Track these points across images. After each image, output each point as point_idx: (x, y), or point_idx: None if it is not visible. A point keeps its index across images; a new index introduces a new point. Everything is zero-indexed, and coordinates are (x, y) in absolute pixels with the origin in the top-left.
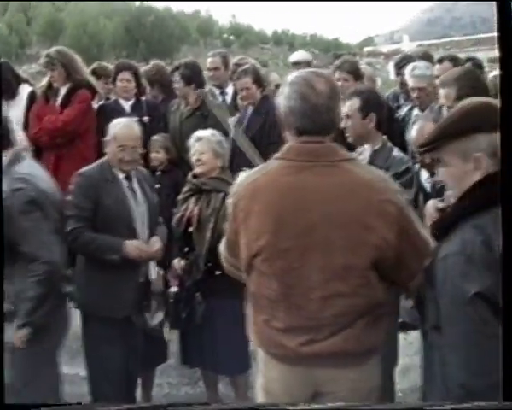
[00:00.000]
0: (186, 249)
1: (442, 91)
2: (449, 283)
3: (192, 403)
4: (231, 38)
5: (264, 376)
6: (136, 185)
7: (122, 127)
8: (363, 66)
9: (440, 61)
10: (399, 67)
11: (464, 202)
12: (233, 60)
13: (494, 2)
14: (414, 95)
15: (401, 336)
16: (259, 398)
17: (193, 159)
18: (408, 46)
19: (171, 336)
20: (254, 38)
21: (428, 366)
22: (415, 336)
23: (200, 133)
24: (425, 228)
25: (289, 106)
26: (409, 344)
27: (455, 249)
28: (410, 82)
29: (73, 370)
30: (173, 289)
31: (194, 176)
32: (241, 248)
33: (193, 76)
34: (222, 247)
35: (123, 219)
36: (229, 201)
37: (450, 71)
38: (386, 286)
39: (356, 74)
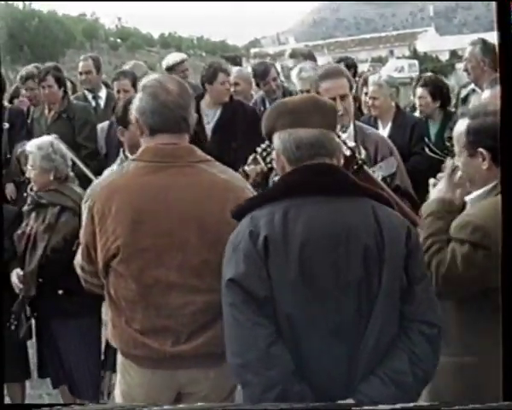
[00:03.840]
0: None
1: None
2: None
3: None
4: (118, 41)
5: (125, 383)
6: None
7: None
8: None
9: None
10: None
11: (255, 196)
12: (125, 66)
13: (493, 2)
14: None
15: None
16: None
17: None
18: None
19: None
20: (141, 40)
21: None
22: None
23: (28, 147)
24: None
25: (141, 106)
26: None
27: (230, 238)
28: (298, 85)
29: None
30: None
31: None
32: (98, 251)
33: (64, 79)
34: (77, 258)
35: None
36: (84, 204)
37: None
38: None
39: None
